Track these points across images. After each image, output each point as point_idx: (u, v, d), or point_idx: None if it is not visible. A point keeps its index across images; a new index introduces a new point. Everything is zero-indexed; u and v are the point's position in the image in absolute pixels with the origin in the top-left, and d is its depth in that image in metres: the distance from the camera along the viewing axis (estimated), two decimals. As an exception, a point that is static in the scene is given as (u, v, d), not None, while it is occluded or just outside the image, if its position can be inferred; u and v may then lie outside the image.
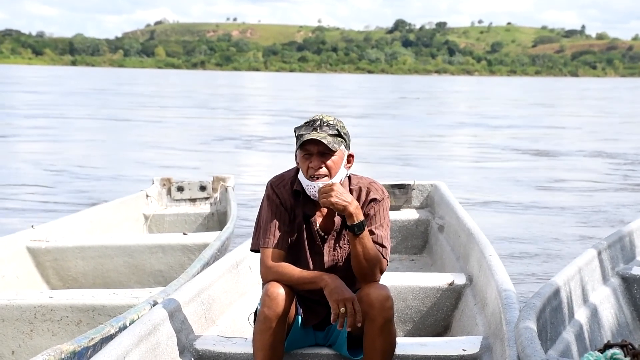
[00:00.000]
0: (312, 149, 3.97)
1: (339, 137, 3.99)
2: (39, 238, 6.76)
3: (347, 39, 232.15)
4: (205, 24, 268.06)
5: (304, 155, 3.99)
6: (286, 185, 4.09)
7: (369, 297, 3.90)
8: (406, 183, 7.74)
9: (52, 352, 3.67)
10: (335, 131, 3.98)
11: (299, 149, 4.00)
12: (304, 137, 3.95)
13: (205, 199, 8.99)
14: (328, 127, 3.98)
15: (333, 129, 3.98)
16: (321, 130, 3.96)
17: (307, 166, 3.98)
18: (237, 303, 4.99)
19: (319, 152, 3.97)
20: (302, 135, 3.97)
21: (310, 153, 3.97)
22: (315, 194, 3.99)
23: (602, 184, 16.72)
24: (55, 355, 3.68)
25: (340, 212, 3.95)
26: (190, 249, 6.89)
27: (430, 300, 5.37)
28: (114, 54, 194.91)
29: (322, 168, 3.96)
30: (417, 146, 23.97)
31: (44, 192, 14.48)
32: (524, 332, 3.48)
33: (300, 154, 4.01)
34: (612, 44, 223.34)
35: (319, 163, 3.96)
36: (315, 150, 3.97)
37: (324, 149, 3.96)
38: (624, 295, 5.65)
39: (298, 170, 4.10)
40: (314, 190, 3.98)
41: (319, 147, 3.96)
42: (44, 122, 29.57)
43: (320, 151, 3.97)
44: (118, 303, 5.08)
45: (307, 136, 3.94)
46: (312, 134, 3.94)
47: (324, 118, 4.01)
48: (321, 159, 3.97)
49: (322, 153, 3.97)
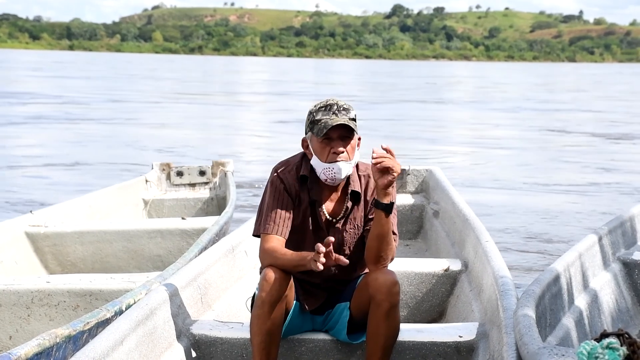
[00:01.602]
0: (333, 134, 3.96)
1: (354, 120, 4.00)
2: (37, 223, 6.75)
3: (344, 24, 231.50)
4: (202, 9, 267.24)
5: (323, 140, 3.97)
6: (291, 170, 4.09)
7: (376, 281, 3.91)
8: (401, 168, 7.72)
9: (46, 337, 3.68)
10: (352, 115, 3.99)
11: (317, 134, 3.97)
12: (328, 122, 3.93)
13: (204, 184, 9.00)
14: (345, 111, 3.97)
15: (350, 113, 3.98)
16: (340, 115, 3.96)
17: (329, 151, 3.96)
18: (234, 288, 4.99)
19: (340, 136, 3.97)
20: (323, 120, 3.95)
21: (331, 138, 3.96)
22: (334, 175, 3.98)
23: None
24: (50, 339, 3.68)
25: (386, 185, 3.84)
26: (189, 234, 6.90)
27: (425, 286, 5.36)
28: (111, 38, 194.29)
29: (343, 152, 3.97)
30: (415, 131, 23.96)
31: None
32: (522, 319, 3.48)
33: (318, 139, 3.98)
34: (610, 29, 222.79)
35: (342, 147, 3.96)
36: (336, 135, 3.96)
37: (345, 133, 3.96)
38: (624, 280, 5.65)
39: (303, 156, 4.10)
40: (333, 172, 3.97)
41: (341, 132, 3.96)
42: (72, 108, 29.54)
43: (342, 135, 3.97)
44: (115, 287, 5.08)
45: (332, 121, 3.92)
46: (335, 118, 3.93)
47: (339, 102, 4.01)
48: (343, 143, 3.97)
49: (343, 137, 3.97)
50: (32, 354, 3.53)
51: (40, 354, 3.60)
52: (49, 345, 3.66)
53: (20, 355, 3.45)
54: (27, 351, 3.50)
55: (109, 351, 3.50)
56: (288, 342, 4.17)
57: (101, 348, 3.46)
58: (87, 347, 3.43)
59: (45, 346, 3.64)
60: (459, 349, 4.11)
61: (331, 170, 3.98)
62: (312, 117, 4.00)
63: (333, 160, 3.97)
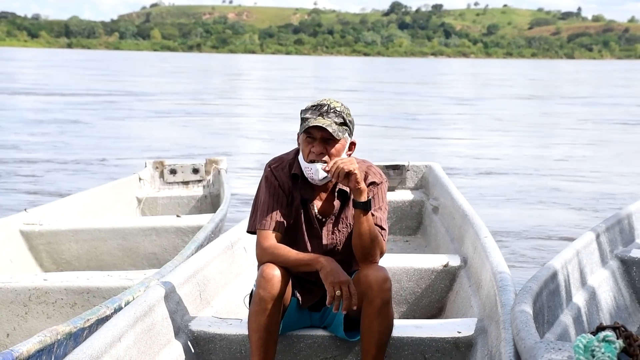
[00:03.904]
0: (316, 134, 3.95)
1: (344, 125, 3.97)
2: (32, 221, 6.74)
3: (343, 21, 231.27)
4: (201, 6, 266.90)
5: (306, 139, 3.97)
6: (284, 167, 4.08)
7: (367, 278, 3.90)
8: (400, 164, 7.74)
9: (47, 334, 3.68)
10: (342, 119, 3.96)
11: (302, 132, 3.99)
12: (309, 121, 3.92)
13: (198, 182, 8.98)
14: (335, 114, 3.95)
15: (339, 116, 3.96)
16: (327, 117, 3.93)
17: (309, 150, 3.96)
18: (232, 284, 4.99)
19: (323, 138, 3.95)
20: (308, 119, 3.94)
21: (314, 138, 3.96)
22: (313, 176, 3.98)
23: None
24: (52, 336, 3.68)
25: (356, 185, 3.90)
26: (184, 232, 6.89)
27: (424, 282, 5.36)
28: (109, 36, 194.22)
29: (322, 154, 3.95)
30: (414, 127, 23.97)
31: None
32: (519, 315, 3.48)
33: (303, 137, 3.99)
34: (608, 26, 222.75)
35: (321, 149, 3.95)
36: (319, 136, 3.95)
37: (328, 136, 3.94)
38: (622, 277, 5.65)
39: (297, 153, 4.09)
40: (311, 173, 3.97)
41: (323, 133, 3.94)
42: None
43: (324, 137, 3.95)
44: (113, 285, 5.08)
45: (312, 121, 3.91)
46: (318, 119, 3.92)
47: (331, 104, 3.98)
48: (324, 145, 3.95)
49: (326, 139, 3.95)
50: (33, 351, 3.53)
51: (42, 351, 3.60)
52: (50, 342, 3.67)
53: (22, 352, 3.45)
54: (28, 348, 3.51)
55: (107, 347, 3.49)
56: (286, 339, 4.17)
57: (99, 344, 3.46)
58: (85, 343, 3.43)
59: (46, 343, 3.64)
60: (457, 344, 4.11)
61: (309, 170, 3.98)
62: (303, 114, 4.00)
63: (312, 160, 3.97)
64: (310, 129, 3.95)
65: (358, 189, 3.91)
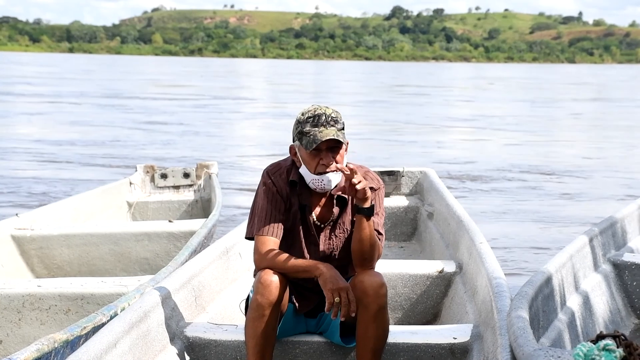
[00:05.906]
0: (322, 145, 3.93)
1: (342, 129, 3.98)
2: (23, 226, 6.72)
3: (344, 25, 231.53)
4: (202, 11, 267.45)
5: (312, 152, 3.95)
6: (282, 174, 4.07)
7: (363, 284, 3.90)
8: (395, 170, 7.75)
9: (45, 342, 3.68)
10: (340, 124, 3.96)
11: (305, 147, 3.93)
12: (317, 135, 3.89)
13: (188, 186, 8.97)
14: (333, 121, 3.94)
15: (338, 123, 3.95)
16: (329, 127, 3.92)
17: (317, 162, 3.94)
18: (227, 290, 4.98)
19: (329, 148, 3.94)
20: (311, 133, 3.91)
21: (320, 149, 3.94)
22: (323, 187, 3.97)
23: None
24: (49, 344, 3.69)
25: (361, 197, 3.89)
26: (176, 237, 6.86)
27: (419, 288, 5.35)
28: (111, 41, 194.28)
29: (332, 164, 3.94)
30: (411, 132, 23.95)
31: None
32: (516, 321, 3.48)
33: (306, 151, 3.96)
34: (609, 30, 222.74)
35: (330, 159, 3.94)
36: (325, 147, 3.94)
37: (334, 144, 3.94)
38: (615, 282, 5.66)
39: (293, 160, 4.08)
40: (323, 184, 3.96)
41: (329, 143, 3.93)
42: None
43: (330, 146, 3.94)
44: (107, 291, 5.06)
45: (319, 135, 3.89)
46: (324, 131, 3.90)
47: (326, 112, 3.96)
48: (331, 155, 3.94)
49: (331, 148, 3.95)
50: (31, 359, 3.53)
51: (39, 359, 3.60)
52: (47, 350, 3.67)
53: None
54: (26, 356, 3.51)
55: (102, 354, 3.49)
56: (282, 345, 4.17)
57: (94, 350, 3.46)
58: (80, 349, 3.44)
59: (44, 351, 3.64)
60: (453, 350, 4.10)
61: (320, 181, 3.97)
62: (300, 127, 3.96)
63: (322, 172, 3.95)
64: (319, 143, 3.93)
65: (365, 197, 3.90)
